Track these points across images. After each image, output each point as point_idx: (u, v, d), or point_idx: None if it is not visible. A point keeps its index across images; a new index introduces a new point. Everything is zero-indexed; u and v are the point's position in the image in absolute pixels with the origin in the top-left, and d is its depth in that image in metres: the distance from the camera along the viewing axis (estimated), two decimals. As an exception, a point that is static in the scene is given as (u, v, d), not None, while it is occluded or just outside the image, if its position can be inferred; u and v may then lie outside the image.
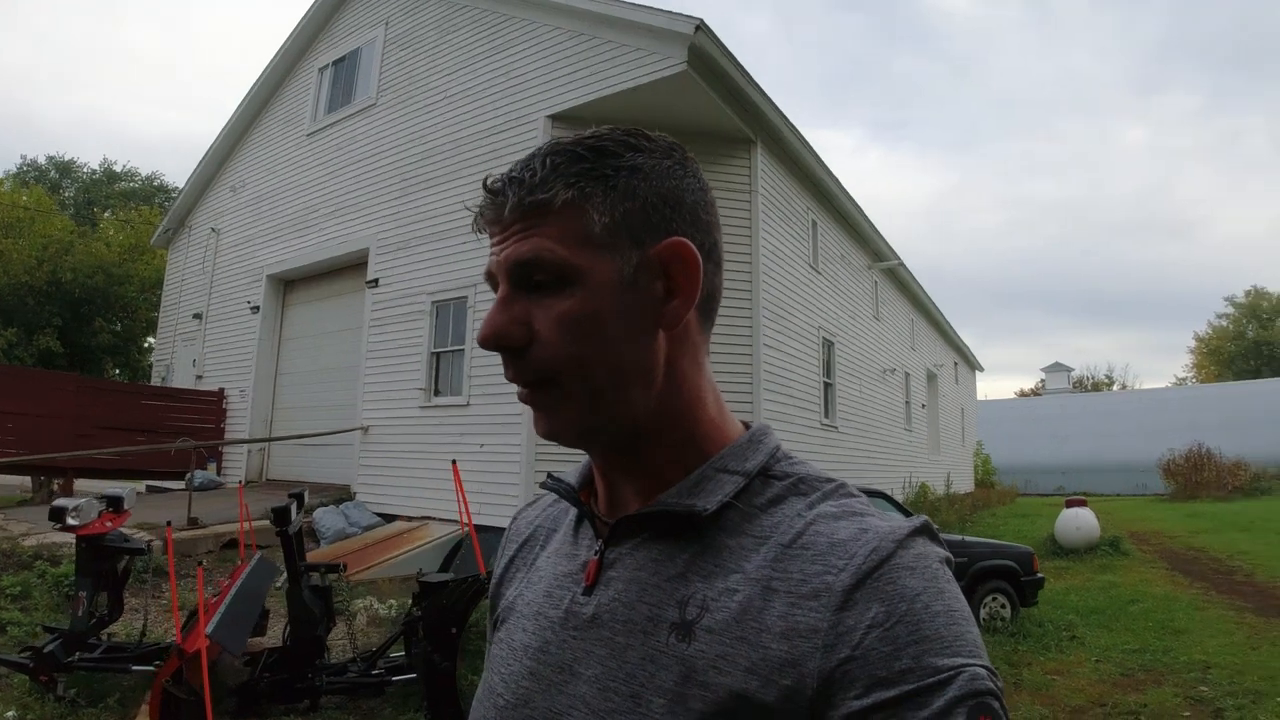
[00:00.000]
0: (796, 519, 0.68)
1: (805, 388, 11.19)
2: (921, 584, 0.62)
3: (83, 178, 36.10)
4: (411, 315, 10.42)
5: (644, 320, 0.72)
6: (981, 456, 29.81)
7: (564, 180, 0.71)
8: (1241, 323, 50.51)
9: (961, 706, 0.56)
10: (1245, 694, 5.53)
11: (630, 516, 0.74)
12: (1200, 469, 23.30)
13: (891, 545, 0.63)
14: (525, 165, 0.73)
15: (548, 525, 0.90)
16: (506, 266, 0.72)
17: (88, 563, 4.79)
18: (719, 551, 0.69)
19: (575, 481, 0.84)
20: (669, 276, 0.73)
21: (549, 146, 0.73)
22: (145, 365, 22.74)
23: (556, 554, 0.83)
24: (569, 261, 0.70)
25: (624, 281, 0.71)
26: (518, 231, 0.71)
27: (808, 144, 10.81)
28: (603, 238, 0.71)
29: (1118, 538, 12.66)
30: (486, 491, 8.52)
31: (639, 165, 0.73)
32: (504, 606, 0.86)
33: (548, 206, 0.71)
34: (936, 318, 21.95)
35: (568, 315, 0.70)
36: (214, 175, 15.26)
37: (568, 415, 0.72)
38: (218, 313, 14.30)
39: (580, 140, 0.73)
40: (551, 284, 0.71)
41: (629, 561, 0.73)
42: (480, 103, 10.12)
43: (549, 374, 0.71)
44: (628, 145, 0.74)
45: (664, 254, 0.73)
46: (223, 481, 12.31)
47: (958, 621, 0.61)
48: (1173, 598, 8.94)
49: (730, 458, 0.74)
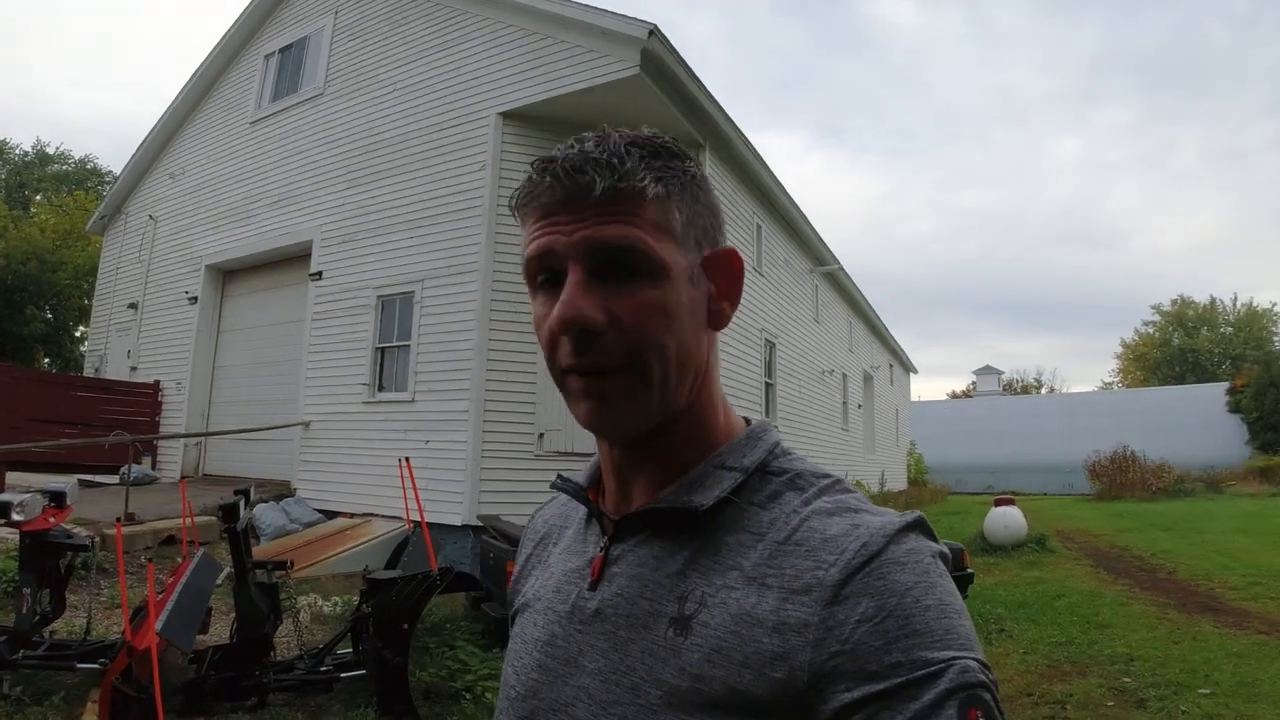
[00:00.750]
0: (792, 515, 0.70)
1: (748, 388, 11.40)
2: (912, 578, 0.62)
3: (14, 159, 34.63)
4: (355, 309, 10.31)
5: (701, 317, 0.77)
6: (915, 456, 30.63)
7: (653, 173, 0.72)
8: (1167, 330, 52.31)
9: (953, 699, 0.57)
10: (1167, 685, 5.73)
11: (632, 514, 0.77)
12: (1125, 470, 23.98)
13: (882, 540, 0.65)
14: (603, 149, 0.72)
15: (560, 522, 0.93)
16: (586, 249, 0.71)
17: (32, 559, 4.69)
18: (718, 548, 0.71)
19: (584, 480, 0.87)
20: (718, 281, 0.78)
21: (620, 136, 0.74)
22: (77, 355, 22.03)
23: (567, 550, 0.86)
24: (657, 252, 0.71)
25: (692, 280, 0.75)
26: (604, 215, 0.71)
27: (754, 149, 11.00)
28: (681, 235, 0.74)
29: (1044, 535, 13.05)
30: (432, 489, 8.48)
31: (696, 174, 0.77)
32: (520, 601, 0.89)
33: (641, 195, 0.71)
34: (874, 321, 22.48)
35: (654, 305, 0.71)
36: (153, 161, 14.81)
37: (638, 404, 0.73)
38: (154, 302, 13.91)
39: (647, 138, 0.75)
40: (636, 272, 0.71)
41: (632, 558, 0.76)
42: (430, 97, 10.06)
43: (628, 361, 0.71)
44: (684, 152, 0.77)
45: (719, 260, 0.79)
46: (158, 476, 12.02)
47: (949, 615, 0.61)
48: (1097, 593, 9.25)
49: (729, 454, 0.77)
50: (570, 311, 0.70)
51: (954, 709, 0.57)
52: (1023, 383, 58.32)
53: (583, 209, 0.71)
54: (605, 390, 0.72)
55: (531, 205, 0.74)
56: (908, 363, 29.72)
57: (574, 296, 0.70)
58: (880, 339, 24.31)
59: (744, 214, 11.52)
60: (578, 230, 0.71)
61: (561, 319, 0.70)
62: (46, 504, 4.78)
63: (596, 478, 0.86)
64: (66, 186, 32.05)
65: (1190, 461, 25.96)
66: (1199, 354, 49.10)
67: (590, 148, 0.72)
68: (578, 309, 0.70)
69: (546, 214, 0.73)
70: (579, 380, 0.73)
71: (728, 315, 0.79)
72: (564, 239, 0.71)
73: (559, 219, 0.72)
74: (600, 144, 0.72)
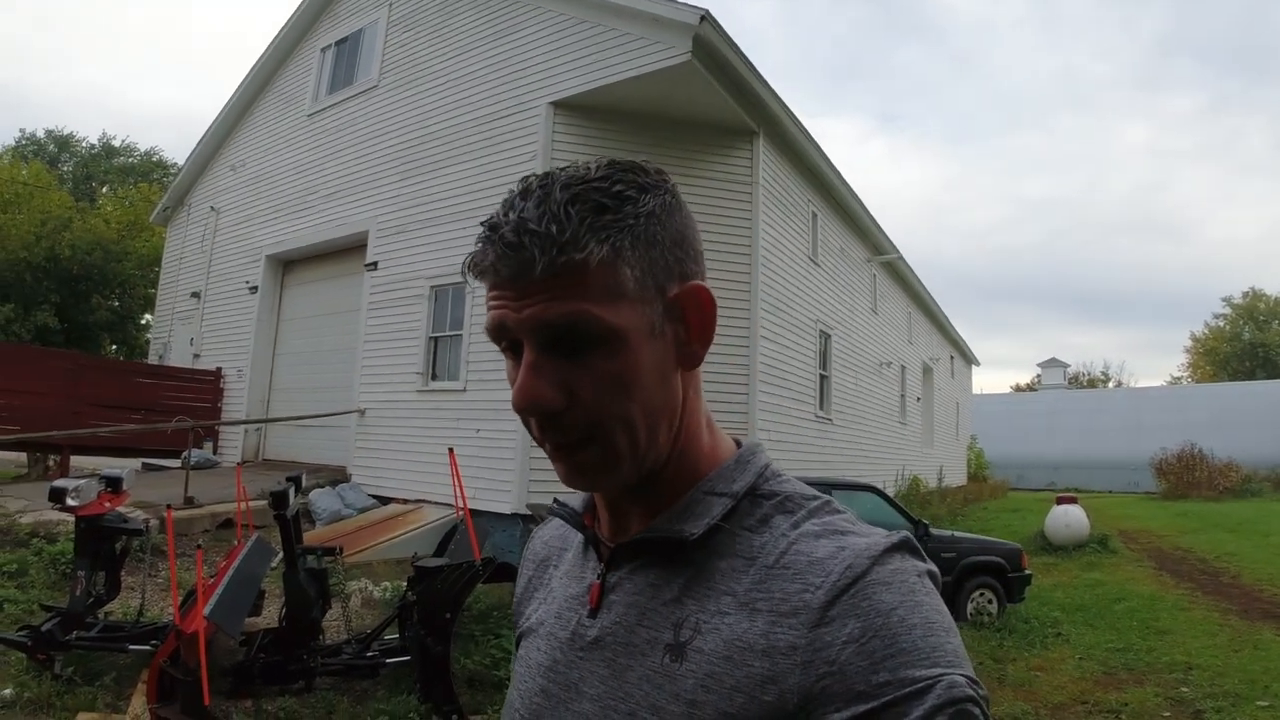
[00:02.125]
0: (781, 539, 0.70)
1: (801, 380, 11.24)
2: (897, 598, 0.62)
3: (81, 152, 35.85)
4: (409, 299, 10.42)
5: (669, 364, 0.73)
6: (975, 450, 29.96)
7: (596, 236, 0.68)
8: (1238, 324, 50.54)
9: (941, 714, 0.57)
10: (1225, 696, 5.59)
11: (625, 544, 0.77)
12: (1192, 469, 23.40)
13: (866, 562, 0.64)
14: (543, 214, 0.68)
15: (560, 545, 0.92)
16: (533, 328, 0.69)
17: (86, 543, 4.83)
18: (711, 574, 0.71)
19: (579, 506, 0.86)
20: (688, 320, 0.74)
21: (564, 191, 0.69)
22: (142, 342, 22.72)
23: (567, 575, 0.86)
24: (608, 322, 0.68)
25: (654, 331, 0.72)
26: (547, 292, 0.68)
27: (810, 136, 10.82)
28: (635, 292, 0.70)
29: (1106, 535, 12.74)
30: (482, 477, 8.56)
31: (654, 209, 0.72)
32: (524, 626, 0.89)
33: (583, 266, 0.68)
34: (934, 311, 22.01)
35: (610, 375, 0.69)
36: (214, 154, 15.21)
37: (612, 471, 0.72)
38: (216, 292, 14.29)
39: (592, 184, 0.70)
40: (588, 344, 0.69)
41: (629, 585, 0.76)
42: (482, 88, 10.09)
43: (592, 435, 0.70)
44: (639, 186, 0.72)
45: (684, 300, 0.74)
46: (218, 460, 12.34)
47: (935, 633, 0.61)
48: (1158, 597, 9.01)
49: (719, 480, 0.76)
50: (525, 400, 0.69)
51: None
52: (1089, 376, 56.57)
53: (526, 286, 0.68)
54: (580, 462, 0.72)
55: (481, 276, 0.72)
56: (969, 354, 29.08)
57: (527, 381, 0.69)
58: (941, 330, 23.81)
59: (799, 201, 11.33)
60: (525, 308, 0.69)
61: (517, 406, 0.70)
62: (102, 489, 4.91)
63: (591, 503, 0.86)
64: (133, 178, 33.07)
65: (1259, 461, 25.19)
66: (1270, 349, 47.22)
67: (530, 211, 0.68)
68: (533, 395, 0.69)
69: (495, 285, 0.71)
70: (552, 449, 0.73)
71: (700, 356, 0.76)
72: (513, 315, 0.69)
73: (505, 293, 0.70)
74: (541, 203, 0.68)
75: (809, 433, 11.53)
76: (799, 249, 11.30)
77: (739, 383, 9.25)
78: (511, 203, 0.70)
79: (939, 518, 13.61)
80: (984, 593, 8.01)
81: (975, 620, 7.78)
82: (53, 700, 4.51)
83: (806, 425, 11.48)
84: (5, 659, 4.95)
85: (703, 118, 9.32)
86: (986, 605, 7.98)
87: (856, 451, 14.03)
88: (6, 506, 8.15)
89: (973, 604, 7.93)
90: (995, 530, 13.31)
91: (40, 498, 6.32)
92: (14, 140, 34.81)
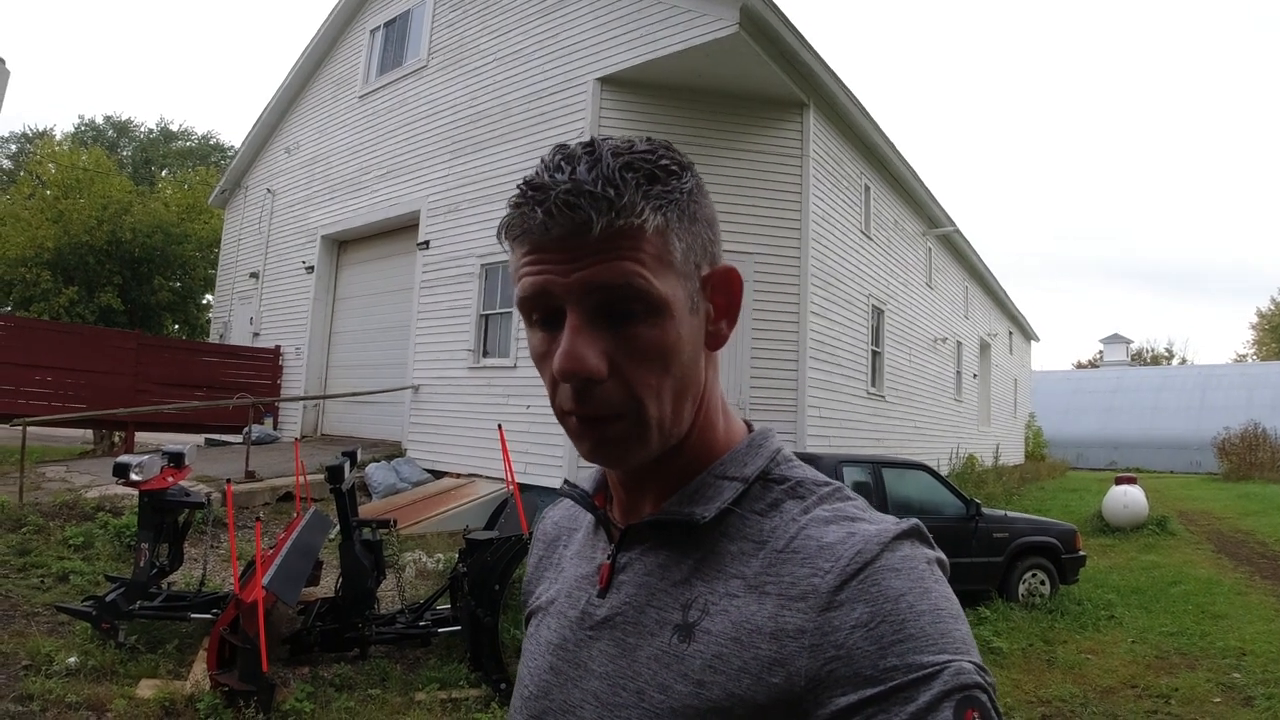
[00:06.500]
0: (791, 524, 0.71)
1: (853, 356, 11.11)
2: (906, 584, 0.63)
3: (140, 137, 36.70)
4: (461, 277, 10.55)
5: (700, 343, 0.74)
6: (1033, 428, 29.28)
7: (650, 204, 0.68)
8: (1306, 300, 48.65)
9: (948, 700, 0.57)
10: (1277, 683, 5.47)
11: (636, 525, 0.78)
12: (1255, 449, 22.62)
13: (876, 548, 0.65)
14: (597, 177, 0.66)
15: (570, 525, 0.94)
16: (585, 291, 0.67)
17: (149, 516, 5.01)
18: (721, 556, 0.72)
19: (590, 487, 0.87)
20: (716, 302, 0.75)
21: (615, 158, 0.68)
22: (204, 322, 23.29)
23: (578, 555, 0.87)
24: (659, 289, 0.68)
25: (692, 307, 0.72)
26: (603, 254, 0.67)
27: (862, 107, 10.61)
28: (681, 265, 0.70)
29: (1165, 517, 12.42)
30: (532, 452, 8.66)
31: (692, 189, 0.72)
32: (535, 604, 0.91)
33: (640, 232, 0.67)
34: (992, 285, 21.47)
35: (653, 346, 0.69)
36: (269, 136, 15.53)
37: (639, 446, 0.72)
38: (274, 272, 14.64)
39: (640, 155, 0.70)
40: (637, 311, 0.68)
41: (639, 566, 0.77)
42: (529, 65, 10.10)
43: (629, 407, 0.69)
44: (680, 164, 0.72)
45: (717, 280, 0.75)
46: (279, 436, 12.69)
47: (943, 619, 0.62)
48: (1215, 581, 8.79)
49: (730, 464, 0.77)
50: (571, 364, 0.67)
51: (949, 710, 0.57)
52: (1153, 352, 54.91)
53: (579, 248, 0.67)
54: (606, 433, 0.71)
55: (523, 238, 0.70)
56: (1029, 330, 28.33)
57: (575, 346, 0.68)
58: (999, 305, 23.24)
59: (851, 174, 11.15)
60: (574, 271, 0.67)
61: (563, 370, 0.68)
62: (165, 464, 5.09)
63: (603, 483, 0.87)
64: (191, 162, 33.78)
65: (1325, 442, 24.10)
66: (1338, 326, 45.36)
67: (583, 174, 0.66)
68: (579, 360, 0.67)
69: (538, 249, 0.69)
70: (580, 422, 0.71)
71: (725, 336, 0.77)
72: (560, 280, 0.68)
73: (552, 256, 0.68)
74: (593, 167, 0.67)
75: (861, 410, 11.41)
76: (851, 222, 11.13)
77: (789, 359, 9.19)
78: (557, 165, 0.68)
79: (994, 497, 13.39)
80: (1036, 573, 7.88)
81: (1027, 601, 7.66)
82: (116, 668, 4.68)
83: (858, 402, 11.35)
84: (71, 628, 5.14)
85: (751, 90, 9.21)
86: (1039, 586, 7.85)
87: (910, 429, 13.83)
88: (73, 481, 8.48)
89: (1025, 585, 7.81)
90: (1052, 510, 13.06)
91: (105, 473, 6.55)
92: (74, 126, 35.80)
